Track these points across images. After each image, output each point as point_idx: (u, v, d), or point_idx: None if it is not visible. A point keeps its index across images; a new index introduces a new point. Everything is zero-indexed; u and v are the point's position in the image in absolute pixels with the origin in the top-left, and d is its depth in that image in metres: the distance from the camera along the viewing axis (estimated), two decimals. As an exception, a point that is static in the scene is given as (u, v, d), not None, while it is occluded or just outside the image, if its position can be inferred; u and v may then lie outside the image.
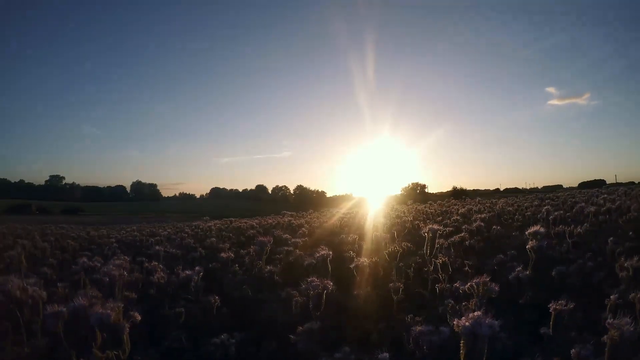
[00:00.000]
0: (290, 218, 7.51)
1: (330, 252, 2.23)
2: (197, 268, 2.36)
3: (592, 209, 3.90)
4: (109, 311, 1.08)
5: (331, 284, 1.67)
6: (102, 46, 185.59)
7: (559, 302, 1.45)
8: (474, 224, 3.64)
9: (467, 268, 2.58)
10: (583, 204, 4.68)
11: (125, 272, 1.85)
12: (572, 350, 1.14)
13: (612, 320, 0.96)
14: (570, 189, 31.81)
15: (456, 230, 3.80)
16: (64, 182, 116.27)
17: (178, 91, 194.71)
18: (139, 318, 1.39)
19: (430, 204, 9.44)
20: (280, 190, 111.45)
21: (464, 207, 6.71)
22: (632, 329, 0.93)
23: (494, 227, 3.77)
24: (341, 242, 3.74)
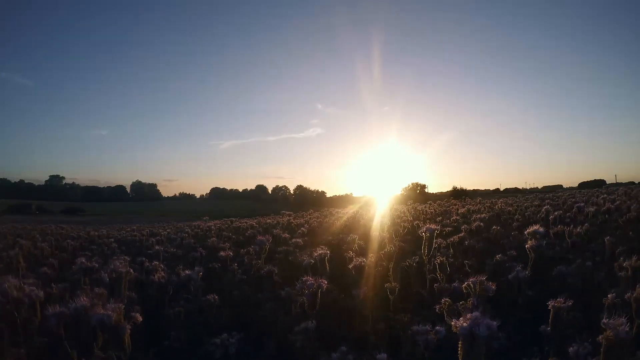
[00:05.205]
0: (289, 218, 7.51)
1: (329, 252, 2.23)
2: (197, 268, 2.36)
3: (592, 209, 3.91)
4: (109, 312, 1.07)
5: (326, 282, 1.67)
6: (99, 45, 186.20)
7: (558, 299, 1.44)
8: (474, 224, 3.64)
9: (466, 268, 2.58)
10: (583, 204, 4.67)
11: (131, 270, 1.84)
12: (570, 349, 1.14)
13: (607, 320, 0.96)
14: (570, 189, 31.80)
15: (456, 230, 3.80)
16: (64, 182, 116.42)
17: (173, 79, 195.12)
18: (140, 319, 1.38)
19: (430, 204, 9.44)
20: (280, 190, 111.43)
21: (463, 207, 6.72)
22: (627, 329, 0.94)
23: (493, 227, 3.77)
24: (341, 242, 3.74)
